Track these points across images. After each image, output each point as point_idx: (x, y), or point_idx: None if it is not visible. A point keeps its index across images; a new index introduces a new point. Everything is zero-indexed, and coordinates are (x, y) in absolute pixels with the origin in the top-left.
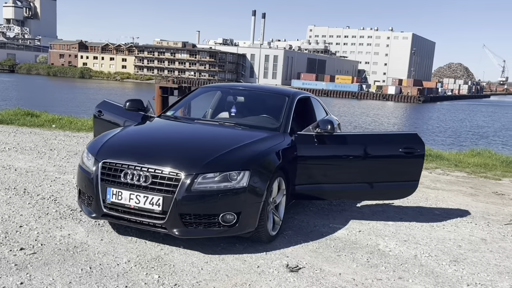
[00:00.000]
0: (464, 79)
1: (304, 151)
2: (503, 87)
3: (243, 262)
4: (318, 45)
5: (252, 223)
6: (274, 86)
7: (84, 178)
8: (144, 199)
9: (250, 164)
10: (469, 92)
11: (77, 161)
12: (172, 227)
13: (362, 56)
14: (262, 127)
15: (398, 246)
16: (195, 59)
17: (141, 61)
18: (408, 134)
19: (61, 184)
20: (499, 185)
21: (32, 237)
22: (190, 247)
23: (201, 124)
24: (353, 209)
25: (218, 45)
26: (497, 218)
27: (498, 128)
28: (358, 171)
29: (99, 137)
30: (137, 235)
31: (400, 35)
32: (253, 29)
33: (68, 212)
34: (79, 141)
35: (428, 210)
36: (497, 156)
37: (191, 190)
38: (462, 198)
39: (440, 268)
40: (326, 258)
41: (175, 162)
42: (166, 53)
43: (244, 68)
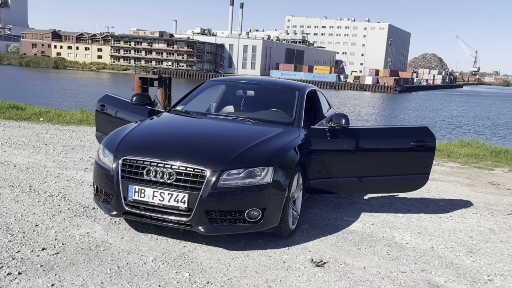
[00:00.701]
0: (438, 70)
1: (318, 145)
2: (475, 77)
3: (268, 257)
4: (296, 35)
5: (275, 218)
6: (281, 80)
7: (103, 176)
8: (168, 196)
9: (274, 160)
10: (443, 82)
11: (76, 156)
12: (197, 224)
13: (340, 46)
14: (276, 121)
15: (414, 238)
16: (173, 49)
17: (118, 51)
18: (419, 128)
19: (65, 181)
20: (492, 175)
21: (50, 236)
22: (213, 244)
23: (215, 119)
24: (361, 201)
25: (196, 35)
26: (499, 208)
27: (472, 118)
28: (370, 164)
29: (114, 133)
30: (156, 232)
31: (377, 25)
32: (231, 19)
33: (81, 210)
34: (72, 135)
35: (433, 202)
36: (486, 147)
37: (217, 187)
38: (461, 188)
39: (458, 259)
40: (347, 251)
41: (199, 158)
42: (143, 43)
43: (223, 59)
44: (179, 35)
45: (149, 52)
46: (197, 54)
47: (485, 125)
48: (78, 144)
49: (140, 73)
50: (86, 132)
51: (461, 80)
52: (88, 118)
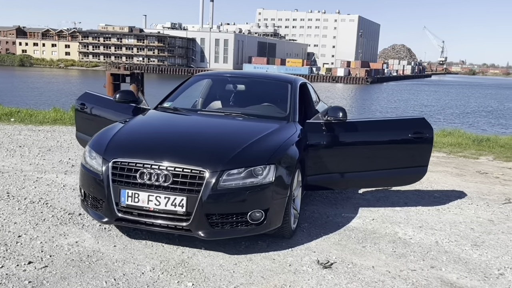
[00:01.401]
0: (408, 60)
1: (315, 140)
2: (443, 66)
3: (272, 261)
4: (267, 28)
5: (278, 219)
6: (271, 73)
7: (91, 180)
8: (165, 200)
9: (275, 158)
10: (413, 72)
11: (54, 158)
12: (197, 229)
13: (311, 39)
14: (270, 116)
15: (417, 233)
16: (143, 44)
17: (86, 47)
18: (416, 119)
19: (46, 185)
20: (479, 164)
21: (36, 247)
22: (212, 248)
23: (207, 116)
24: (356, 196)
25: (167, 29)
26: (492, 197)
27: (442, 107)
28: (369, 158)
29: (101, 134)
30: (150, 239)
31: (347, 17)
32: (202, 13)
33: (66, 217)
34: (47, 135)
35: (427, 193)
36: (467, 135)
37: (217, 188)
38: (452, 179)
39: (465, 254)
40: (352, 250)
41: (197, 159)
42: (112, 38)
43: (195, 53)
44: (149, 30)
45: (119, 48)
46: (168, 48)
47: (455, 114)
48: (55, 145)
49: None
50: (61, 132)
51: (429, 70)
52: (63, 117)
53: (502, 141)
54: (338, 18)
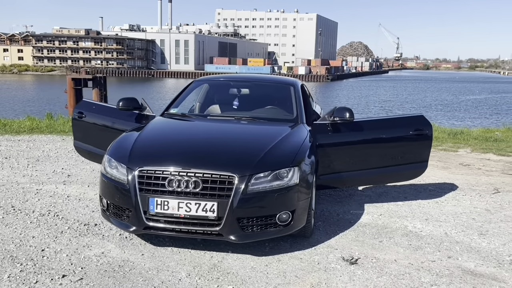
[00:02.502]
0: (365, 57)
1: (321, 140)
2: (398, 62)
3: (300, 260)
4: (227, 28)
5: (303, 219)
6: (270, 76)
7: (115, 190)
8: (196, 206)
9: (297, 160)
10: (371, 68)
11: (46, 168)
12: (229, 233)
13: (271, 38)
14: (279, 119)
15: (425, 226)
16: (101, 47)
17: (40, 51)
18: (416, 116)
19: (49, 197)
20: (460, 157)
21: (63, 261)
22: (239, 251)
23: (220, 121)
24: (358, 193)
25: (125, 31)
26: (482, 188)
27: (400, 102)
28: (374, 156)
29: (119, 142)
30: (175, 245)
31: (305, 16)
32: (160, 14)
33: (83, 228)
34: (29, 145)
35: (422, 187)
36: (442, 129)
37: (247, 192)
38: (440, 172)
39: (475, 243)
40: (371, 246)
41: (225, 164)
42: (68, 42)
43: (155, 55)
44: (106, 32)
45: (76, 51)
46: (127, 51)
47: (413, 108)
48: (42, 155)
49: (72, 74)
50: (43, 141)
51: (386, 66)
52: (39, 125)
53: (475, 134)
54: (297, 17)
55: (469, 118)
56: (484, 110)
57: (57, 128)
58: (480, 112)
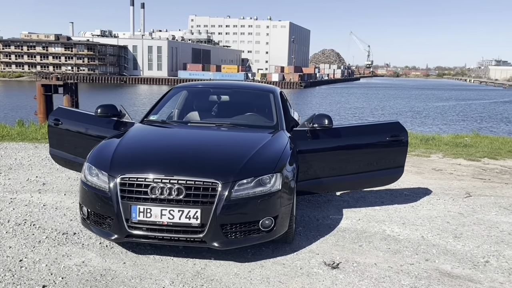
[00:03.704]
0: (337, 64)
1: (301, 146)
2: (370, 70)
3: (282, 265)
4: (200, 35)
5: (285, 225)
6: (248, 83)
7: (96, 198)
8: (179, 213)
9: (279, 166)
10: (343, 75)
11: (19, 177)
12: (212, 240)
13: (245, 45)
14: (259, 126)
15: (402, 230)
16: (72, 52)
17: (8, 56)
18: (392, 123)
19: (24, 206)
20: (432, 162)
21: (43, 271)
22: (222, 258)
23: (201, 128)
24: (336, 198)
25: (96, 37)
26: (454, 192)
27: (373, 109)
28: (352, 162)
29: (99, 149)
30: (157, 253)
31: (278, 23)
32: (133, 20)
33: (62, 237)
34: (6, 152)
35: (398, 192)
36: (414, 135)
37: (230, 199)
38: (414, 177)
39: (450, 245)
40: (351, 250)
41: (208, 171)
42: (37, 47)
43: (127, 61)
44: (77, 37)
45: (45, 57)
46: (99, 57)
47: (385, 115)
48: (15, 163)
49: (41, 80)
50: (14, 149)
51: (358, 73)
52: (10, 133)
53: (446, 140)
54: (270, 25)
55: (438, 124)
56: (453, 116)
57: (29, 136)
58: (449, 119)
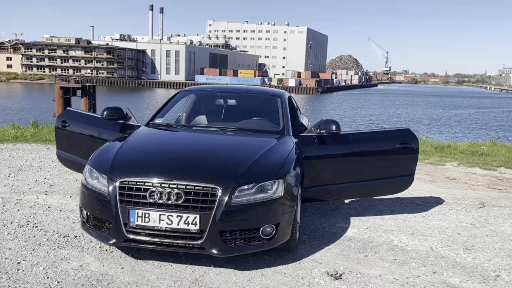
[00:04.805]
0: (355, 70)
1: (308, 152)
2: (387, 76)
3: (284, 275)
4: (218, 40)
5: (287, 233)
6: (257, 87)
7: (94, 200)
8: (177, 219)
9: (282, 172)
10: (360, 82)
11: (28, 178)
12: (211, 247)
13: (262, 50)
14: (265, 131)
15: (411, 240)
16: (91, 56)
17: (30, 59)
18: (402, 130)
19: (29, 207)
20: (446, 170)
21: (40, 274)
22: (221, 265)
23: (205, 132)
24: (344, 206)
25: (115, 41)
26: (468, 202)
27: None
28: (361, 169)
29: (101, 152)
30: (156, 258)
31: (296, 29)
32: (151, 24)
33: (62, 240)
34: (12, 154)
35: (409, 201)
36: (429, 143)
37: (230, 205)
38: (426, 185)
39: (460, 258)
40: (356, 260)
41: (208, 176)
42: (58, 50)
43: (145, 64)
44: (97, 41)
45: (65, 60)
46: (118, 60)
47: (401, 122)
48: (25, 165)
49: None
50: (27, 150)
51: (375, 79)
52: (24, 134)
53: (461, 148)
54: (288, 30)
55: (457, 132)
56: (471, 124)
57: (42, 137)
58: (466, 127)
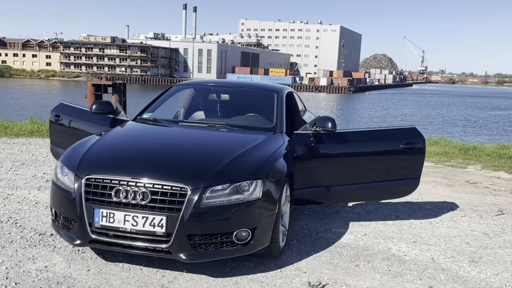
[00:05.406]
0: (389, 69)
1: (303, 152)
2: (423, 76)
3: (260, 284)
4: (250, 38)
5: (266, 238)
6: (256, 82)
7: (62, 198)
8: (143, 220)
9: (262, 172)
10: (394, 81)
11: (27, 173)
12: (178, 251)
13: (294, 49)
14: (256, 127)
15: (411, 249)
16: (126, 54)
17: (67, 57)
18: (407, 129)
19: (17, 203)
20: (467, 174)
21: (0, 274)
22: (195, 271)
23: (189, 128)
24: (346, 209)
25: (149, 39)
26: (485, 209)
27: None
28: (359, 170)
29: (74, 147)
30: (128, 261)
31: (329, 27)
32: (185, 23)
33: (37, 238)
34: (21, 148)
35: (418, 205)
36: (453, 144)
37: (200, 207)
38: (442, 189)
39: (463, 271)
40: (345, 270)
41: (177, 174)
42: (94, 48)
43: (178, 63)
44: (131, 40)
45: (101, 58)
46: (151, 59)
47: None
48: (30, 159)
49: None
50: (38, 144)
51: (410, 79)
52: (40, 129)
53: (488, 150)
54: (321, 29)
55: (493, 134)
56: (508, 126)
57: None
58: (503, 129)
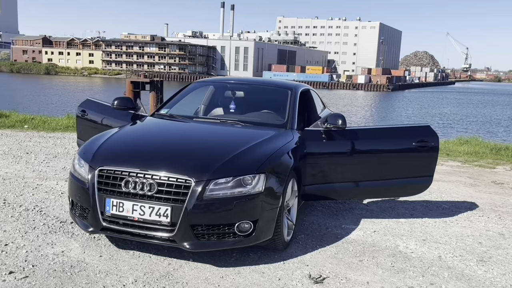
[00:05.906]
0: (430, 67)
1: (314, 148)
2: (467, 73)
3: (261, 274)
4: (287, 36)
5: (269, 230)
6: (273, 79)
7: (78, 188)
8: (149, 210)
9: (265, 166)
10: (435, 79)
11: (58, 165)
12: (182, 240)
13: (331, 46)
14: (267, 124)
15: (419, 247)
16: (165, 52)
17: (109, 55)
18: (421, 127)
19: (44, 192)
20: (495, 174)
21: (20, 257)
22: (201, 260)
23: (201, 123)
24: (360, 206)
25: (188, 37)
26: (506, 209)
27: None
28: (370, 168)
29: (91, 141)
30: (140, 249)
31: (368, 24)
32: (222, 21)
33: (58, 225)
34: (56, 142)
35: (436, 204)
36: (485, 144)
37: (203, 198)
38: (464, 189)
39: (469, 269)
40: (348, 264)
41: (183, 167)
42: (134, 47)
43: (215, 61)
44: (170, 38)
45: (141, 56)
46: (189, 57)
47: (476, 122)
48: (62, 152)
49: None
50: (71, 139)
51: (453, 77)
52: (74, 124)
53: None
54: (359, 25)
55: None
56: None
57: None
58: None
